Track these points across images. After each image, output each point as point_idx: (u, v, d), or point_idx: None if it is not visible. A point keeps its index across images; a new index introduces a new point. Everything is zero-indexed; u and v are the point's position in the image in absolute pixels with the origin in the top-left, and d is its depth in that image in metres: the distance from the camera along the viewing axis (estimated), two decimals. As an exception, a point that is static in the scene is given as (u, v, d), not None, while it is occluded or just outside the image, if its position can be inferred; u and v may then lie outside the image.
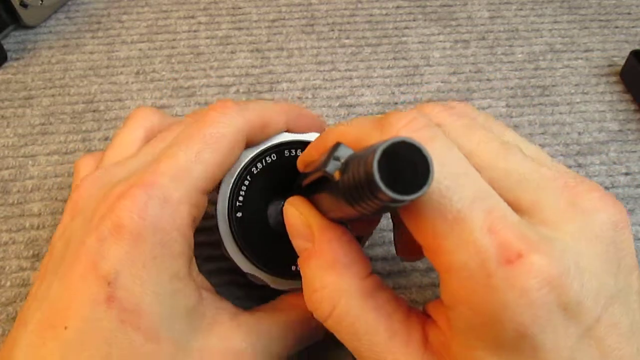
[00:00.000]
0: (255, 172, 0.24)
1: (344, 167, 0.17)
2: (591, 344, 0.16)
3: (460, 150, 0.18)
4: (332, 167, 0.18)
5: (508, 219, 0.16)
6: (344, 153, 0.18)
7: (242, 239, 0.24)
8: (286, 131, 0.25)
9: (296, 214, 0.21)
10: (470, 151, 0.18)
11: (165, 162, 0.21)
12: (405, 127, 0.17)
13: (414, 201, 0.16)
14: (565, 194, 0.18)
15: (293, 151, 0.25)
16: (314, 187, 0.21)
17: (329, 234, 0.20)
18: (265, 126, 0.24)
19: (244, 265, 0.24)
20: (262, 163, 0.24)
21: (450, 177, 0.17)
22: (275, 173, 0.25)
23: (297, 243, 0.21)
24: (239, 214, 0.24)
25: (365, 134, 0.19)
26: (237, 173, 0.24)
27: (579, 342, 0.16)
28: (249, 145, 0.24)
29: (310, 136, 0.25)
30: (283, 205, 0.25)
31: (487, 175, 0.18)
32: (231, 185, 0.24)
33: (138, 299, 0.20)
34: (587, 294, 0.16)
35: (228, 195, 0.24)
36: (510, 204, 0.17)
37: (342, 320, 0.19)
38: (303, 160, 0.23)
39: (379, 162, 0.14)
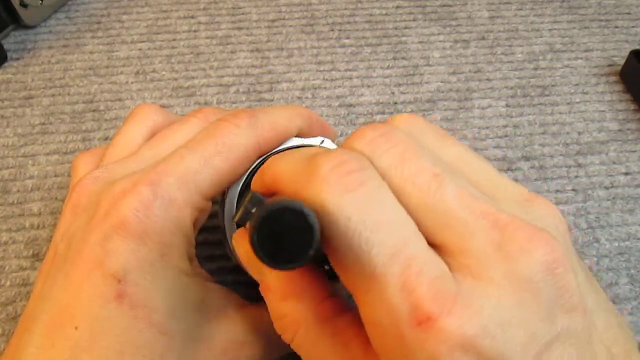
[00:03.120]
0: None
1: (250, 222, 0.17)
2: None
3: (391, 187, 0.17)
4: (244, 219, 0.17)
5: (425, 274, 0.16)
6: (255, 204, 0.17)
7: None
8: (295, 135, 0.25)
9: (242, 250, 0.21)
10: (400, 188, 0.17)
11: (173, 163, 0.21)
12: (332, 171, 0.16)
13: (337, 252, 0.16)
14: (492, 235, 0.16)
15: None
16: None
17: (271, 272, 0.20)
18: (277, 138, 0.24)
19: None
20: None
21: (372, 228, 0.16)
22: None
23: (253, 276, 0.21)
24: None
25: (296, 174, 0.18)
26: (244, 178, 0.24)
27: None
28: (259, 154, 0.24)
29: (317, 140, 0.25)
30: None
31: (415, 216, 0.17)
32: (238, 190, 0.24)
33: (149, 296, 0.20)
34: (513, 347, 0.15)
35: (235, 200, 0.24)
36: (437, 247, 0.17)
37: (301, 346, 0.19)
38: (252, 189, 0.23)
39: (260, 231, 0.14)
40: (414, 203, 0.17)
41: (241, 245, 0.21)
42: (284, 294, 0.19)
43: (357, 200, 0.16)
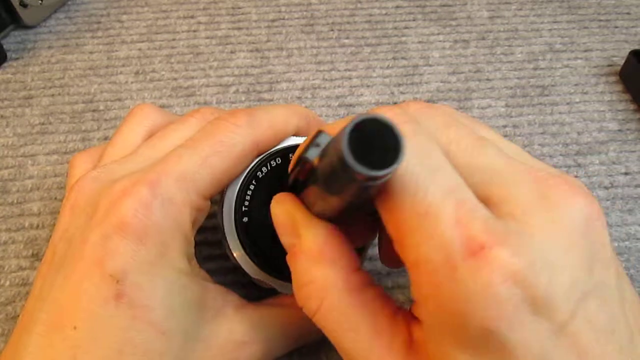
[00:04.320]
0: (260, 176, 0.24)
1: (323, 153, 0.17)
2: (566, 342, 0.16)
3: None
4: (312, 154, 0.18)
5: (477, 212, 0.16)
6: (324, 140, 0.18)
7: (249, 244, 0.24)
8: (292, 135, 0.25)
9: (281, 210, 0.21)
10: (446, 147, 0.18)
11: (171, 163, 0.21)
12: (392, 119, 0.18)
13: (390, 192, 0.17)
14: (535, 187, 0.17)
15: None
16: (300, 185, 0.21)
17: (315, 228, 0.20)
18: (275, 137, 0.24)
19: (252, 271, 0.24)
20: (267, 167, 0.24)
21: (427, 170, 0.17)
22: (281, 177, 0.24)
23: (284, 240, 0.21)
24: (245, 219, 0.24)
25: None
26: (242, 178, 0.24)
27: (551, 339, 0.16)
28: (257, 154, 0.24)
29: None
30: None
31: (461, 171, 0.18)
32: (237, 190, 0.24)
33: (148, 295, 0.20)
34: (557, 289, 0.16)
35: (234, 200, 0.24)
36: (482, 200, 0.17)
37: (328, 315, 0.19)
38: (294, 159, 0.24)
39: (350, 139, 0.14)
40: (459, 162, 0.18)
41: (282, 204, 0.21)
42: (319, 257, 0.19)
43: (413, 146, 0.16)
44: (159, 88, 0.37)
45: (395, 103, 0.37)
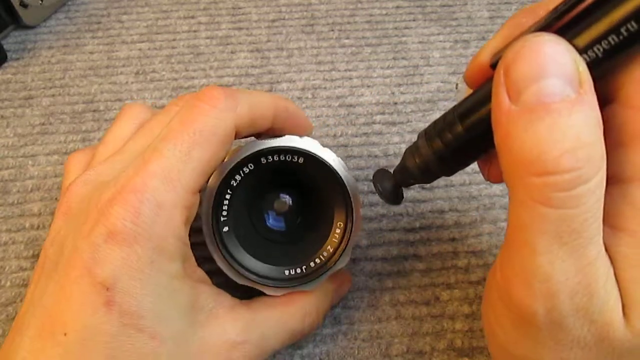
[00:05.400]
0: (234, 184, 0.24)
1: None
2: None
3: None
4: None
5: None
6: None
7: (232, 253, 0.24)
8: (259, 135, 0.25)
9: (567, 54, 0.16)
10: None
11: (154, 162, 0.21)
12: None
13: None
14: None
15: (270, 158, 0.24)
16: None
17: (593, 89, 0.16)
18: (253, 123, 0.23)
19: (238, 278, 0.24)
20: (240, 175, 0.24)
21: None
22: (255, 182, 0.24)
23: (552, 83, 0.16)
24: (226, 229, 0.24)
25: None
26: (216, 188, 0.23)
27: None
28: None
29: (286, 140, 0.24)
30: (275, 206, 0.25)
31: None
32: (212, 201, 0.24)
33: (138, 302, 0.20)
34: None
35: (210, 212, 0.24)
36: None
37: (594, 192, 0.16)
38: None
39: None
40: None
41: (565, 47, 0.16)
42: (599, 120, 0.16)
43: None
44: (159, 88, 0.37)
45: (395, 103, 0.37)
